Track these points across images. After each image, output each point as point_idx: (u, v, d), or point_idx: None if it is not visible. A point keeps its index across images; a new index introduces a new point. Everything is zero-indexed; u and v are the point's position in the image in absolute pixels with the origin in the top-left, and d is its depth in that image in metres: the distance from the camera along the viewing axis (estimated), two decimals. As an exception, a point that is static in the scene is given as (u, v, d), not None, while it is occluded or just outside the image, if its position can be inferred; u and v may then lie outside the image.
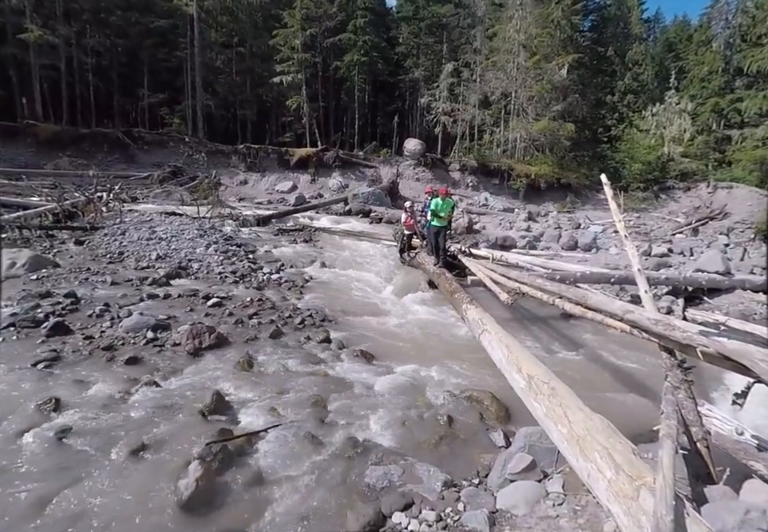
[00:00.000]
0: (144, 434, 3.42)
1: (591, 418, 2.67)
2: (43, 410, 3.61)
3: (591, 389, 4.75)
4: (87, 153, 24.35)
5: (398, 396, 4.36)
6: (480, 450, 3.65)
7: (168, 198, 18.16)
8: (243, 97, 34.22)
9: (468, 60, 32.79)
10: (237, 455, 3.26)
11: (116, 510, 2.73)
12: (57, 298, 5.99)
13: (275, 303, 6.81)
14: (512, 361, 3.82)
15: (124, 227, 10.90)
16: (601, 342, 6.41)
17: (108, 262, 8.29)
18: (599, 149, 33.50)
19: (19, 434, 3.33)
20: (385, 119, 37.66)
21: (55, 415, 3.58)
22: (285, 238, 12.47)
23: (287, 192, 24.28)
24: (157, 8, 31.97)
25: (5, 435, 3.33)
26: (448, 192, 9.00)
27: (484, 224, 17.04)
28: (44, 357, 4.43)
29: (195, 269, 8.21)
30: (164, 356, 4.79)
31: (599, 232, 15.33)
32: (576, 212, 24.16)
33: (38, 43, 25.87)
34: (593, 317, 5.06)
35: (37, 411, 3.60)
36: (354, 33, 33.18)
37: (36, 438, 3.29)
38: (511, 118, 29.90)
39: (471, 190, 26.64)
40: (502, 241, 12.46)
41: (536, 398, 3.17)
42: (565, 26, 30.24)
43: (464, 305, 6.11)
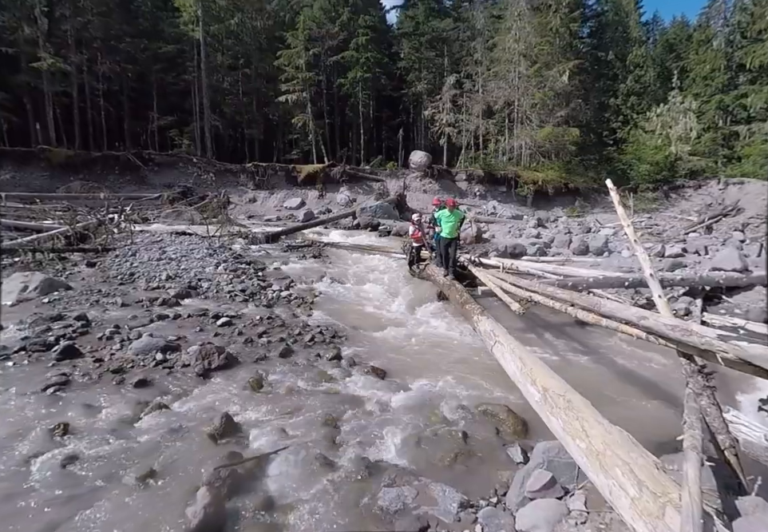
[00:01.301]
0: (153, 459, 3.36)
1: (610, 431, 2.57)
2: (52, 436, 3.58)
3: (609, 399, 4.60)
4: (99, 176, 24.95)
5: (411, 413, 4.26)
6: (497, 467, 3.53)
7: (178, 218, 18.44)
8: (249, 116, 34.96)
9: (469, 71, 33.16)
10: (247, 479, 3.17)
11: (124, 540, 2.67)
12: (68, 321, 6.00)
13: (285, 320, 6.77)
14: (525, 373, 3.72)
15: (135, 248, 11.02)
16: (617, 349, 6.25)
17: (119, 283, 8.34)
18: (605, 152, 33.41)
19: (28, 461, 3.30)
20: (390, 133, 38.06)
21: (64, 441, 3.54)
22: (294, 254, 12.49)
23: (296, 208, 24.53)
24: (165, 34, 33.10)
25: (14, 462, 3.29)
26: (456, 203, 8.97)
27: (494, 232, 16.93)
28: (54, 381, 4.41)
29: (205, 288, 8.22)
30: (173, 378, 4.75)
31: (610, 235, 15.11)
32: (586, 216, 23.97)
33: (51, 71, 26.84)
34: (607, 324, 4.94)
35: (46, 437, 3.56)
36: (356, 50, 33.82)
37: (44, 465, 3.25)
38: (515, 126, 30.02)
39: (478, 199, 26.64)
40: (512, 249, 12.32)
41: (552, 411, 3.06)
42: (564, 34, 30.56)
43: (475, 316, 6.01)
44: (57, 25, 28.82)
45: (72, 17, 29.03)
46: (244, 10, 33.42)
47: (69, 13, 28.98)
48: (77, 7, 29.36)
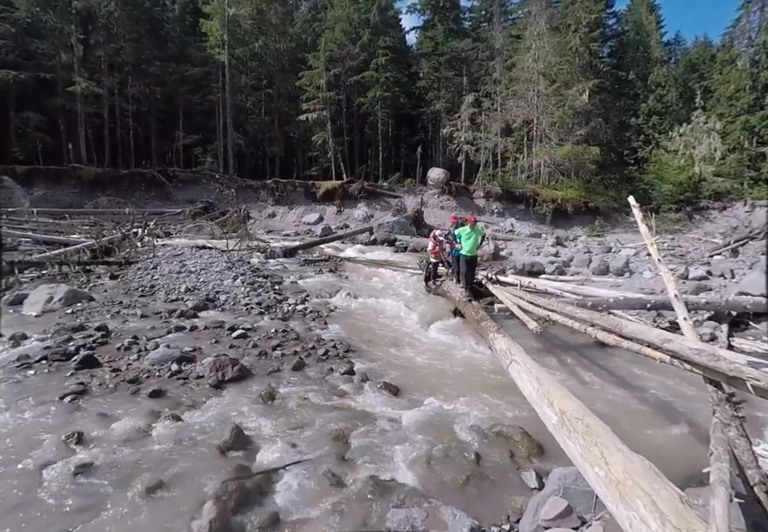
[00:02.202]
0: (162, 470, 3.35)
1: (631, 459, 2.43)
2: (66, 444, 3.62)
3: (630, 426, 4.38)
4: (126, 192, 25.93)
5: (423, 431, 4.16)
6: (510, 492, 3.39)
7: (199, 232, 18.89)
8: (271, 134, 35.90)
9: (488, 90, 33.49)
10: (254, 494, 3.14)
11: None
12: (89, 331, 6.16)
13: (299, 334, 6.78)
14: (542, 394, 3.60)
15: (157, 261, 11.29)
16: (639, 373, 6.01)
17: (139, 295, 8.54)
18: (626, 172, 33.06)
19: (41, 468, 3.33)
20: (409, 150, 38.47)
21: (77, 449, 3.58)
22: (311, 268, 12.60)
23: (314, 223, 24.87)
24: (192, 57, 34.57)
25: (28, 469, 3.33)
26: (476, 219, 8.86)
27: (511, 250, 16.79)
28: (71, 390, 4.49)
29: (223, 301, 8.33)
30: (187, 389, 4.78)
31: (631, 256, 14.79)
32: (606, 235, 23.60)
33: (85, 94, 28.34)
34: (629, 346, 4.80)
35: (61, 445, 3.61)
36: (376, 70, 34.58)
37: (57, 473, 3.28)
38: (534, 144, 30.05)
39: (496, 216, 26.57)
40: (530, 267, 12.17)
41: (569, 435, 2.94)
42: (584, 53, 30.72)
43: (491, 334, 5.92)
44: (92, 51, 30.62)
45: (105, 43, 30.78)
46: (268, 34, 34.69)
47: (103, 40, 30.78)
48: (111, 34, 31.18)
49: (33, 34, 29.05)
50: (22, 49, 28.48)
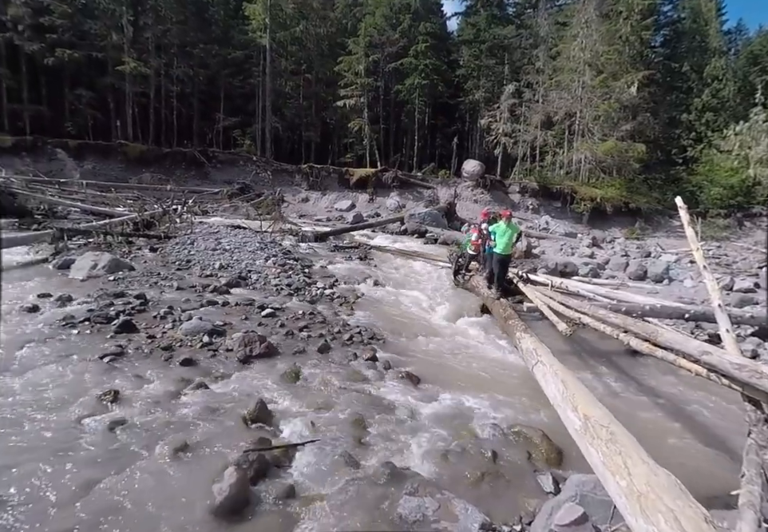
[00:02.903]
0: (188, 434, 3.52)
1: (656, 472, 2.33)
2: (103, 401, 3.89)
3: (657, 438, 4.22)
4: (167, 170, 26.78)
5: (441, 424, 4.18)
6: (524, 493, 3.36)
7: (235, 212, 19.37)
8: (308, 119, 36.07)
9: (530, 80, 32.31)
10: (273, 466, 3.26)
11: (150, 506, 2.82)
12: (129, 298, 6.49)
13: (326, 317, 6.88)
14: (567, 398, 3.51)
15: (194, 237, 11.66)
16: (672, 385, 5.77)
17: (176, 268, 8.88)
18: (673, 172, 31.36)
19: (79, 420, 3.60)
20: (445, 140, 37.88)
21: (112, 407, 3.84)
22: (340, 254, 12.71)
23: (346, 210, 24.96)
24: (235, 41, 35.04)
25: (68, 420, 3.60)
26: (511, 214, 8.45)
27: (544, 248, 16.42)
28: (110, 351, 4.78)
29: (254, 280, 8.55)
30: (216, 360, 4.97)
31: (672, 262, 14.17)
32: (646, 238, 22.64)
33: (133, 74, 29.34)
34: (663, 356, 4.61)
35: (98, 401, 3.87)
36: (415, 57, 34.01)
37: (93, 426, 3.53)
38: (575, 139, 28.89)
39: (531, 213, 25.89)
40: (562, 268, 11.85)
41: (592, 442, 2.86)
42: (634, 42, 28.98)
43: (518, 333, 5.83)
44: (141, 32, 31.46)
45: (153, 25, 31.55)
46: (309, 18, 34.59)
47: (151, 22, 31.53)
48: (159, 16, 31.96)
49: (87, 15, 30.09)
50: (77, 29, 29.54)
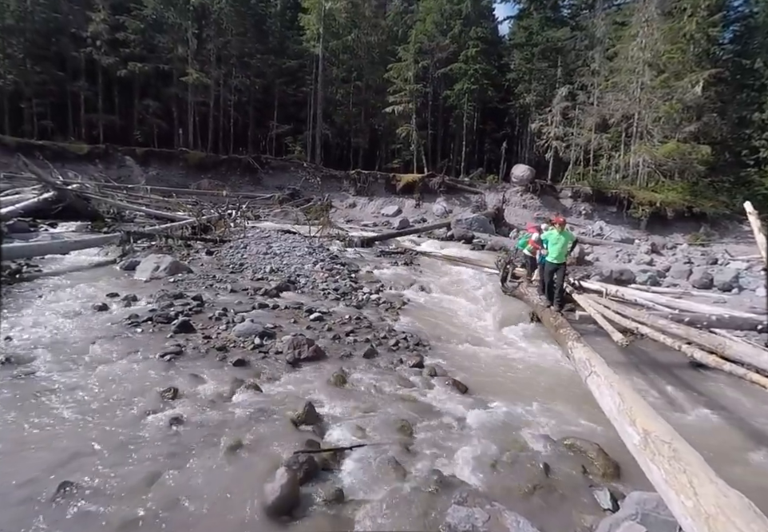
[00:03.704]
0: (242, 433, 3.65)
1: (726, 493, 2.17)
2: (164, 397, 4.11)
3: (727, 458, 3.93)
4: (223, 176, 28.19)
5: (490, 434, 4.08)
6: (580, 509, 3.22)
7: (285, 217, 20.03)
8: (357, 126, 36.73)
9: (584, 82, 31.15)
10: (321, 469, 3.30)
11: (206, 502, 2.93)
12: (187, 299, 6.86)
13: (372, 322, 6.94)
14: (624, 411, 3.34)
15: (247, 241, 12.17)
16: (743, 401, 5.34)
17: (230, 271, 9.31)
18: (743, 174, 29.12)
19: (143, 415, 3.83)
20: (493, 145, 37.28)
21: (173, 403, 4.04)
22: (387, 260, 12.80)
23: (392, 215, 25.11)
24: (289, 50, 36.45)
25: (133, 415, 3.84)
26: (565, 221, 8.04)
27: (598, 255, 15.73)
28: (170, 350, 5.06)
29: (302, 284, 8.78)
30: (266, 362, 5.14)
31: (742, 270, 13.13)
32: (712, 245, 21.07)
33: (195, 84, 31.14)
34: (732, 370, 4.30)
35: (160, 397, 4.11)
36: (465, 62, 33.80)
37: (155, 421, 3.74)
38: (633, 141, 27.48)
39: (584, 218, 24.87)
40: (618, 275, 11.29)
41: (652, 459, 2.71)
42: (700, 40, 27.19)
43: (570, 342, 5.60)
44: (203, 44, 33.50)
45: (215, 37, 33.47)
46: (361, 26, 35.33)
47: (213, 34, 33.39)
48: (220, 29, 33.90)
49: (156, 29, 32.55)
50: (147, 44, 32.05)
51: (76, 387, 4.20)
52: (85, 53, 30.10)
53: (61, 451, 3.27)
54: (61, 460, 3.17)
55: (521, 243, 9.84)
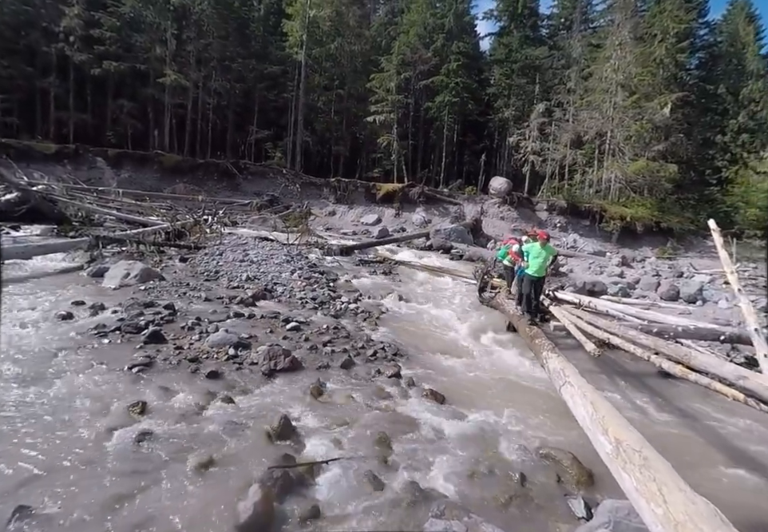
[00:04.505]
0: (213, 449, 3.52)
1: (693, 501, 2.25)
2: (131, 412, 3.92)
3: (693, 466, 4.06)
4: (200, 181, 27.66)
5: (467, 444, 4.09)
6: (555, 518, 3.26)
7: (263, 224, 19.76)
8: (338, 134, 36.79)
9: (560, 100, 32.31)
10: (297, 484, 3.22)
11: (177, 523, 2.80)
12: (158, 308, 6.61)
13: (350, 332, 6.88)
14: (597, 420, 3.42)
15: (223, 248, 11.94)
16: (708, 410, 5.55)
17: (205, 279, 9.08)
18: (707, 192, 30.70)
19: (109, 432, 3.63)
20: (472, 157, 37.94)
21: (140, 418, 3.86)
22: (365, 269, 12.77)
23: (372, 224, 25.16)
24: (272, 56, 36.27)
25: (98, 432, 3.63)
26: (548, 236, 7.97)
27: (572, 266, 16.12)
28: (139, 362, 4.85)
29: (280, 293, 8.65)
30: (241, 374, 5.00)
31: (705, 282, 13.71)
32: (678, 258, 22.02)
33: (173, 86, 30.55)
34: (697, 380, 4.46)
35: (126, 412, 3.92)
36: (446, 75, 34.47)
37: (121, 438, 3.55)
38: (605, 158, 28.57)
39: (559, 231, 25.52)
40: (591, 286, 11.59)
41: (624, 467, 2.78)
42: (669, 65, 28.84)
43: (545, 352, 5.70)
44: (183, 46, 32.87)
45: (196, 39, 32.93)
46: (344, 35, 35.56)
47: (194, 36, 32.89)
48: (201, 30, 33.40)
49: (134, 28, 31.71)
50: (123, 42, 31.12)
51: (35, 402, 3.97)
52: (57, 49, 28.98)
53: (17, 473, 3.07)
54: (17, 482, 2.97)
55: (501, 253, 9.75)
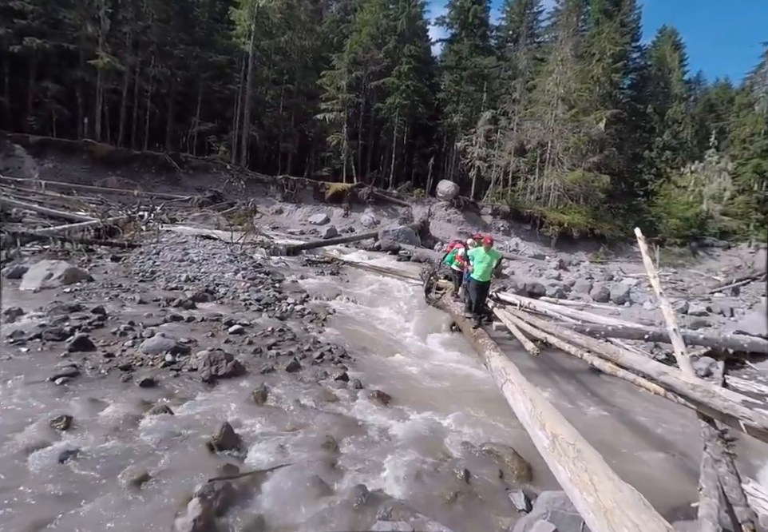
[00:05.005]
0: (149, 463, 3.31)
1: (620, 488, 2.43)
2: (54, 428, 3.56)
3: (621, 455, 4.39)
4: (136, 174, 25.82)
5: (414, 444, 4.14)
6: (497, 512, 3.38)
7: (205, 222, 18.84)
8: (287, 130, 35.95)
9: (506, 109, 33.69)
10: (240, 495, 3.10)
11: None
12: (86, 312, 6.10)
13: (296, 334, 6.75)
14: (535, 416, 3.59)
15: (160, 247, 11.26)
16: (634, 402, 5.99)
17: (139, 280, 8.51)
18: (635, 202, 33.36)
19: (27, 452, 3.27)
20: (421, 160, 38.56)
21: (65, 435, 3.53)
22: (313, 269, 12.58)
23: (320, 224, 24.83)
24: (217, 44, 34.41)
25: (13, 452, 3.26)
26: (492, 240, 7.93)
27: (513, 269, 16.81)
28: (63, 372, 4.43)
29: (222, 294, 8.30)
30: (179, 381, 4.74)
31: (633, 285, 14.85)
32: (609, 263, 23.72)
33: (106, 69, 27.97)
34: (624, 376, 4.79)
35: (48, 429, 3.55)
36: (398, 77, 34.76)
37: (42, 458, 3.22)
38: (546, 167, 30.22)
39: (502, 234, 26.59)
40: (531, 288, 12.17)
41: (559, 460, 2.94)
42: (605, 83, 31.10)
43: (487, 352, 5.90)
44: (118, 26, 30.19)
45: (133, 20, 30.52)
46: (295, 29, 34.76)
47: (131, 17, 30.56)
48: (139, 12, 30.98)
49: (61, 3, 28.51)
50: (49, 17, 28.00)
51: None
52: (-33, 22, 25.87)
53: None
54: None
55: (449, 258, 9.78)
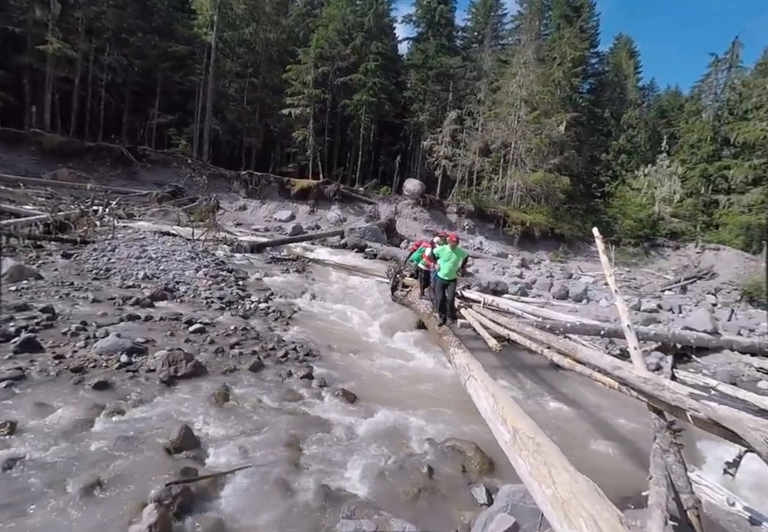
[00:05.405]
0: (101, 468, 3.17)
1: (576, 480, 2.51)
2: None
3: (577, 446, 4.59)
4: (89, 166, 24.52)
5: (378, 441, 4.16)
6: (460, 507, 3.45)
7: (164, 217, 18.11)
8: (251, 125, 35.14)
9: (471, 109, 34.25)
10: (199, 499, 3.02)
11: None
12: (34, 312, 5.76)
13: (260, 333, 6.63)
14: (497, 412, 3.66)
15: (116, 243, 10.74)
16: (591, 396, 6.27)
17: (93, 278, 8.09)
18: (592, 203, 34.74)
19: (-34, 460, 3.06)
20: (388, 158, 38.66)
21: (8, 441, 3.33)
22: (278, 267, 12.36)
23: (285, 221, 24.41)
24: (177, 34, 33.03)
25: (-50, 461, 3.05)
26: (458, 239, 7.91)
27: (478, 267, 17.13)
28: (8, 375, 4.18)
29: (182, 292, 8.03)
30: (136, 383, 4.55)
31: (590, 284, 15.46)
32: (569, 262, 24.58)
33: (56, 55, 26.37)
34: (582, 371, 4.97)
35: (-10, 435, 3.34)
36: (364, 74, 34.64)
37: (-18, 466, 3.02)
38: (509, 167, 30.99)
39: (467, 233, 27.07)
40: (494, 286, 12.46)
41: (520, 453, 3.00)
42: (565, 86, 32.24)
43: (452, 349, 5.98)
44: (70, 11, 28.38)
45: (86, 5, 28.79)
46: (260, 21, 34.02)
47: (84, 1, 28.88)
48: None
49: None
50: (-8, -3, 26.32)
51: None
52: None
53: None
54: None
55: (416, 256, 9.69)
